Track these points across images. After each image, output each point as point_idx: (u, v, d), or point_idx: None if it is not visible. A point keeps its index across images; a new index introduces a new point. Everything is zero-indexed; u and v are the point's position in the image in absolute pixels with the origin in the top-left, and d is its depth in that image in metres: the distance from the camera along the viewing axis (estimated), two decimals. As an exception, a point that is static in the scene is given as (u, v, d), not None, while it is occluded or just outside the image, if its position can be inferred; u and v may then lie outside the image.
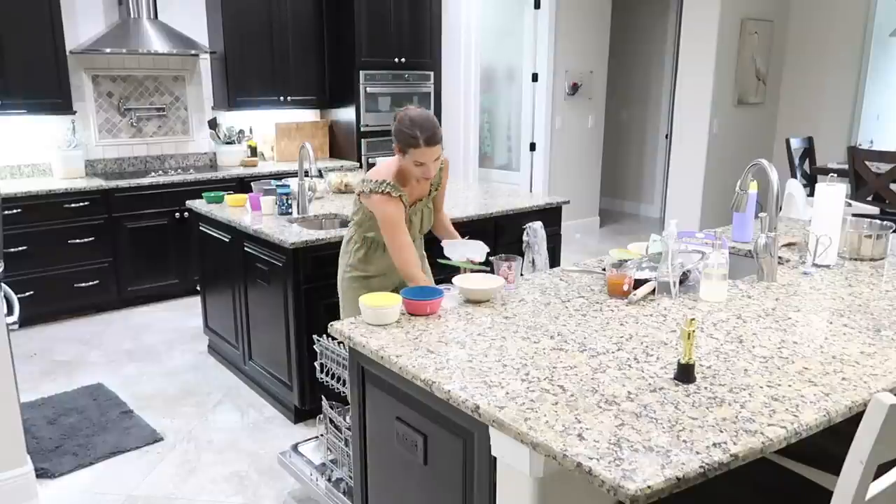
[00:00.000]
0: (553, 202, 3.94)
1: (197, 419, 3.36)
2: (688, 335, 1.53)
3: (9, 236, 4.32)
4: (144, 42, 4.84)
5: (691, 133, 6.33)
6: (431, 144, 2.43)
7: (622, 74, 8.06)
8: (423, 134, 2.41)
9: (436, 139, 2.44)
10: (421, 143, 2.42)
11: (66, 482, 2.85)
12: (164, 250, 4.98)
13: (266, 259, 3.28)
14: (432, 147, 2.44)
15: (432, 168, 2.49)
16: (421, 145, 2.42)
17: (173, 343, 4.31)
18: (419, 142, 2.41)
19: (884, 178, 4.86)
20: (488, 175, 7.74)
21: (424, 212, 2.72)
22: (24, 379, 3.72)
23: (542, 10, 6.48)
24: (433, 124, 2.45)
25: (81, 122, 5.06)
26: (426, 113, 2.49)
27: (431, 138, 2.43)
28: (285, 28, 5.57)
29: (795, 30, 6.78)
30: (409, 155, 2.45)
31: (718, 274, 2.13)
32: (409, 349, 1.77)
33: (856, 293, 2.24)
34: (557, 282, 2.38)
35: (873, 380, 1.59)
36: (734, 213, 2.85)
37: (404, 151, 2.46)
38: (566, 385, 1.55)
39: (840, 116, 6.63)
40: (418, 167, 2.47)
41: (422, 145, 2.42)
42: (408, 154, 2.45)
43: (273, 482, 2.84)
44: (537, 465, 1.38)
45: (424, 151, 2.43)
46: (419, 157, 2.44)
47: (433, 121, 2.47)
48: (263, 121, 5.92)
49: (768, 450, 1.33)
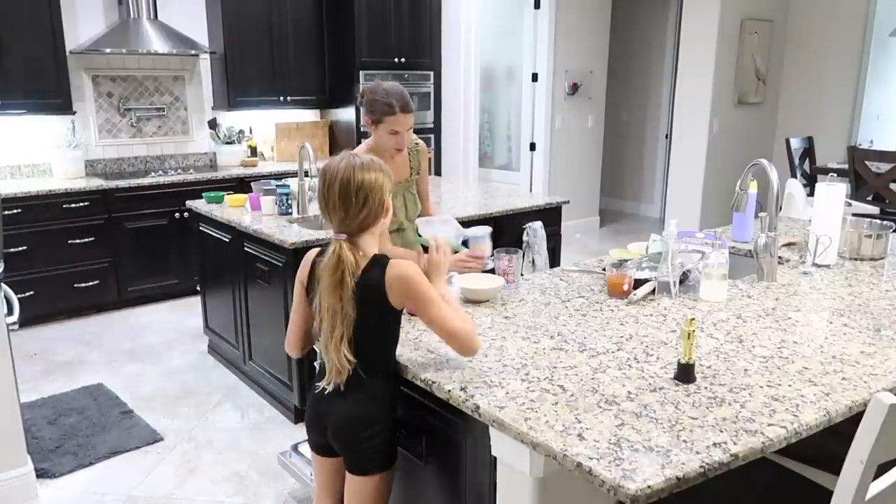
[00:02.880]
0: (553, 202, 3.94)
1: (197, 419, 3.36)
2: (688, 335, 1.53)
3: (9, 236, 4.32)
4: (144, 42, 4.84)
5: (691, 133, 6.33)
6: (406, 111, 2.45)
7: (622, 74, 8.06)
8: (398, 102, 2.43)
9: (410, 107, 2.47)
10: (396, 110, 2.43)
11: (66, 482, 2.85)
12: (164, 250, 4.98)
13: (266, 259, 3.28)
14: (407, 114, 2.46)
15: (406, 137, 2.50)
16: (396, 112, 2.43)
17: (173, 343, 4.31)
18: (395, 108, 2.43)
19: (884, 178, 4.86)
20: (488, 175, 7.74)
21: (406, 196, 2.71)
22: (24, 379, 3.72)
23: (542, 9, 6.48)
24: (406, 93, 2.49)
25: (81, 122, 5.06)
26: (397, 84, 2.53)
27: (406, 105, 2.45)
28: (285, 28, 5.57)
29: (795, 30, 6.78)
30: (383, 125, 2.46)
31: (718, 274, 2.13)
32: (409, 349, 1.77)
33: (856, 293, 2.24)
34: (557, 282, 2.38)
35: (873, 380, 1.59)
36: (734, 213, 2.85)
37: (378, 122, 2.47)
38: (566, 385, 1.55)
39: (840, 116, 6.63)
40: (392, 136, 2.48)
41: (397, 112, 2.43)
42: (382, 124, 2.46)
43: (273, 482, 2.84)
44: (537, 465, 1.38)
45: (399, 119, 2.44)
46: (394, 124, 2.45)
47: (405, 91, 2.50)
48: (263, 121, 5.92)
49: (768, 450, 1.33)
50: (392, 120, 2.45)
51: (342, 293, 1.61)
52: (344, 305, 1.60)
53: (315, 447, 1.85)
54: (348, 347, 1.62)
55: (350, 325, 1.62)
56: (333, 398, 1.69)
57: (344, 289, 1.60)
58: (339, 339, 1.61)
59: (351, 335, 1.62)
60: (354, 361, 1.63)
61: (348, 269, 1.60)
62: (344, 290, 1.61)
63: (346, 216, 1.64)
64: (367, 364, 1.66)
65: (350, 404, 1.68)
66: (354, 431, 1.69)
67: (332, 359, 1.63)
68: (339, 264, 1.60)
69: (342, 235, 1.64)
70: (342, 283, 1.60)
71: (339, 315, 1.61)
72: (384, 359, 1.72)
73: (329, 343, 1.63)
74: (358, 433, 1.69)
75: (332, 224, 1.67)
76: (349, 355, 1.62)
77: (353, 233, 1.65)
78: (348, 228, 1.65)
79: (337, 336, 1.61)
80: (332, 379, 1.66)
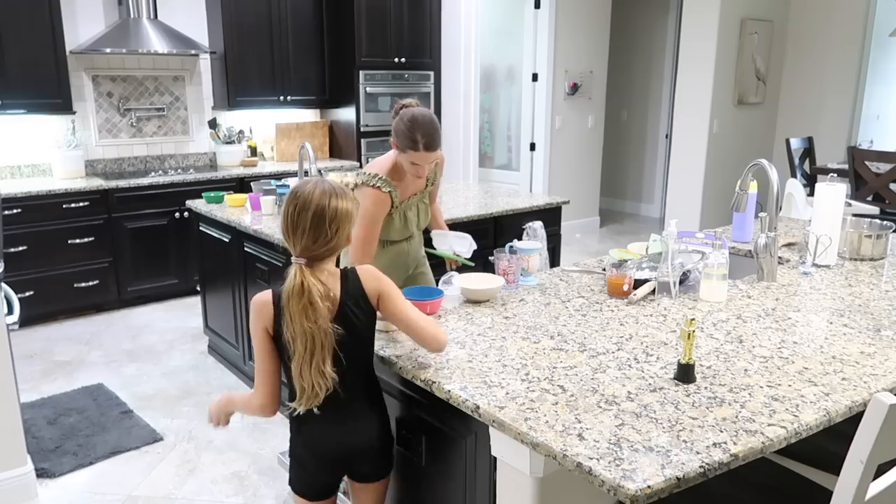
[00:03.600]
0: (553, 202, 3.94)
1: (197, 419, 3.36)
2: (688, 335, 1.53)
3: (9, 236, 4.32)
4: (144, 42, 4.84)
5: (691, 133, 6.33)
6: (430, 150, 2.38)
7: (622, 74, 8.06)
8: (423, 139, 2.36)
9: (434, 145, 2.39)
10: (420, 148, 2.37)
11: (66, 482, 2.84)
12: (164, 250, 4.98)
13: (266, 259, 3.28)
14: (430, 153, 2.39)
15: (426, 170, 2.47)
16: (420, 150, 2.38)
17: (173, 343, 4.31)
18: (418, 146, 2.37)
19: (884, 178, 4.86)
20: (488, 175, 7.73)
21: (420, 207, 2.69)
22: (24, 379, 3.72)
23: (542, 9, 6.48)
24: (434, 128, 2.40)
25: (81, 122, 5.06)
26: (429, 115, 2.41)
27: (430, 144, 2.38)
28: (285, 28, 5.57)
29: (795, 30, 6.78)
30: (405, 155, 2.42)
31: (718, 274, 2.13)
32: (409, 349, 1.77)
33: (856, 293, 2.24)
34: (557, 282, 2.38)
35: (873, 380, 1.59)
36: (734, 213, 2.85)
37: (401, 150, 2.43)
38: (566, 385, 1.55)
39: (840, 116, 6.63)
40: (413, 167, 2.45)
41: (420, 150, 2.38)
42: (404, 154, 2.42)
43: (273, 482, 2.84)
44: (537, 465, 1.38)
45: (422, 156, 2.39)
46: (415, 159, 2.41)
47: (435, 124, 2.41)
48: (263, 121, 5.92)
49: (768, 450, 1.33)
50: (415, 156, 2.39)
51: (315, 315, 1.56)
52: (321, 325, 1.57)
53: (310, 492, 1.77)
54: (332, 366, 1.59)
55: (330, 343, 1.58)
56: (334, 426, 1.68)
57: (316, 310, 1.56)
58: (320, 361, 1.57)
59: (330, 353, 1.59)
60: (336, 379, 1.60)
61: (315, 291, 1.57)
62: (317, 312, 1.56)
63: (313, 244, 1.60)
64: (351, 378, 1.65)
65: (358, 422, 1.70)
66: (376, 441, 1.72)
67: (308, 382, 1.58)
68: (304, 288, 1.56)
69: (302, 260, 1.60)
70: (312, 305, 1.56)
71: (318, 336, 1.57)
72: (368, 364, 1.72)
73: (306, 367, 1.58)
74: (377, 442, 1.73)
75: (292, 247, 1.62)
76: (332, 373, 1.58)
77: (315, 258, 1.62)
78: (311, 254, 1.61)
79: (318, 359, 1.57)
80: (303, 402, 1.61)
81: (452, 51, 6.19)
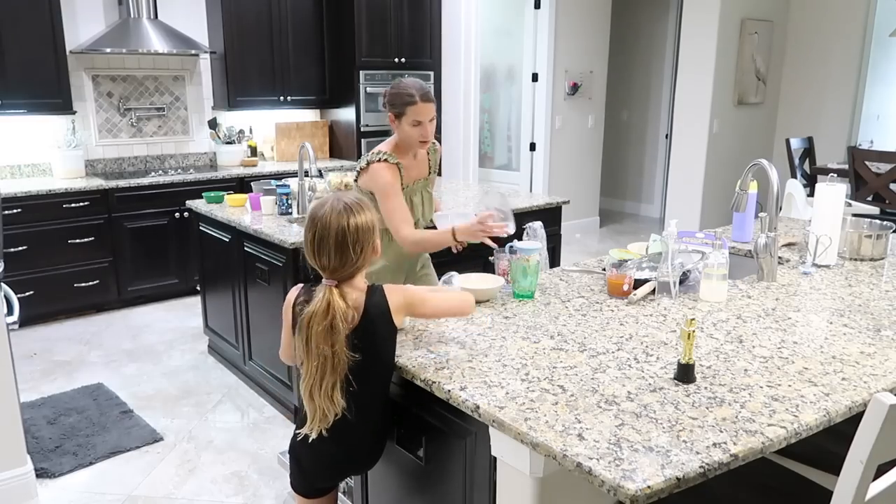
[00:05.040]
0: (553, 202, 3.94)
1: (197, 419, 3.36)
2: (688, 335, 1.53)
3: (9, 236, 4.32)
4: (144, 42, 4.84)
5: (691, 133, 6.33)
6: (427, 101, 2.48)
7: (622, 74, 8.06)
8: (417, 92, 2.47)
9: (430, 96, 2.50)
10: (417, 100, 2.46)
11: (66, 482, 2.84)
12: (164, 250, 4.98)
13: (266, 259, 3.28)
14: (428, 103, 2.48)
15: (430, 128, 2.52)
16: (417, 101, 2.46)
17: (173, 343, 4.31)
18: (415, 98, 2.46)
19: (884, 178, 4.86)
20: (488, 175, 7.73)
21: (424, 195, 2.71)
22: (24, 379, 3.72)
23: (542, 9, 6.48)
24: (425, 85, 2.54)
25: (81, 122, 5.06)
26: (416, 79, 2.58)
27: (426, 94, 2.49)
28: (285, 28, 5.57)
29: (795, 30, 6.78)
30: (405, 116, 2.48)
31: (718, 274, 2.13)
32: (409, 349, 1.77)
33: (856, 293, 2.24)
34: (557, 282, 2.38)
35: (873, 380, 1.59)
36: (734, 213, 2.85)
37: (401, 114, 2.49)
38: (566, 385, 1.55)
39: (840, 116, 6.63)
40: (416, 128, 2.49)
41: (418, 101, 2.46)
42: (405, 116, 2.48)
43: (273, 482, 2.84)
44: (537, 465, 1.38)
45: (421, 108, 2.46)
46: (416, 114, 2.47)
47: (424, 83, 2.55)
48: (263, 121, 5.92)
49: (768, 450, 1.33)
50: (414, 110, 2.46)
51: (334, 338, 1.55)
52: (337, 352, 1.55)
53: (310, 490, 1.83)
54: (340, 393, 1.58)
55: (343, 369, 1.57)
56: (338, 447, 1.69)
57: (335, 334, 1.55)
58: (330, 386, 1.56)
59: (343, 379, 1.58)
60: (344, 405, 1.59)
61: (339, 316, 1.55)
62: (335, 336, 1.55)
63: (342, 267, 1.59)
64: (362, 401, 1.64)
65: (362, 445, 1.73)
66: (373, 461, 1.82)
67: (318, 405, 1.58)
68: (329, 311, 1.55)
69: (333, 282, 1.60)
70: (333, 329, 1.55)
71: (331, 361, 1.55)
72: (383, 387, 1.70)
73: (316, 390, 1.57)
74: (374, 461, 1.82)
75: (320, 271, 1.61)
76: (341, 400, 1.58)
77: (345, 279, 1.62)
78: (341, 276, 1.61)
79: (328, 384, 1.56)
80: (314, 426, 1.61)
81: (452, 51, 6.19)
